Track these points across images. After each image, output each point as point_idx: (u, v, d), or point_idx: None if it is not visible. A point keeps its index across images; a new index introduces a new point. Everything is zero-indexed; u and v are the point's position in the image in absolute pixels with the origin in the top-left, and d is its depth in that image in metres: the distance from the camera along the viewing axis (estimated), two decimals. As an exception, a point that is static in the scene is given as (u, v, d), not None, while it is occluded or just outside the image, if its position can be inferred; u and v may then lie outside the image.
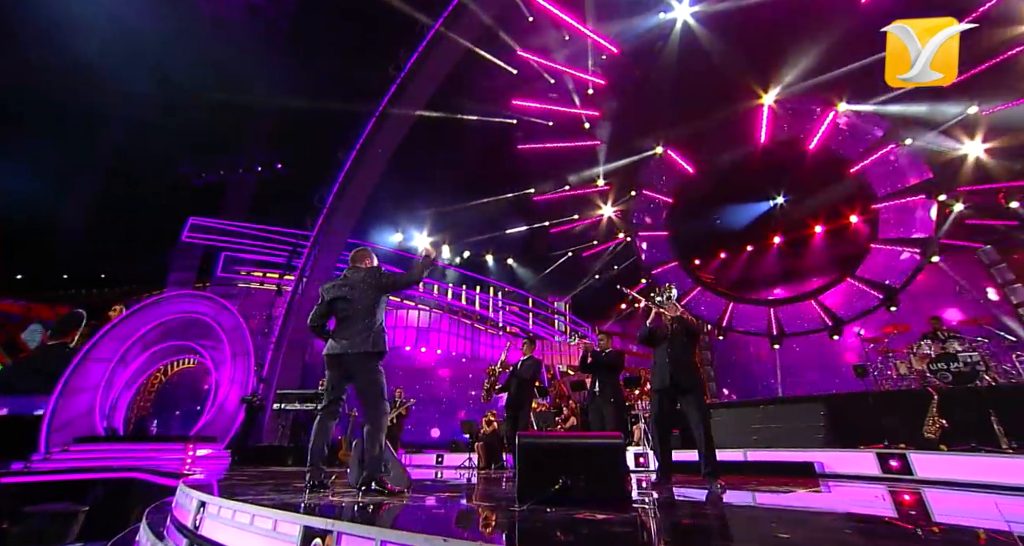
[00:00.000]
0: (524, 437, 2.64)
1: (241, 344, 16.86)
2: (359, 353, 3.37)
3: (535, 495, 2.41)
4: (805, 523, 2.51)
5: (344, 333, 3.44)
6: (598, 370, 5.64)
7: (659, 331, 4.56)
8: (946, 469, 5.96)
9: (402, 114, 15.47)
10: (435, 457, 11.56)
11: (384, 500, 2.89)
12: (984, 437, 6.10)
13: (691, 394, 4.26)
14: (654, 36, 13.78)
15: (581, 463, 2.52)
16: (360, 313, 3.45)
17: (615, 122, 15.49)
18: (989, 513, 3.28)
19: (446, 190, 17.41)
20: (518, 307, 20.79)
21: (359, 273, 3.65)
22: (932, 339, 8.39)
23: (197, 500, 3.07)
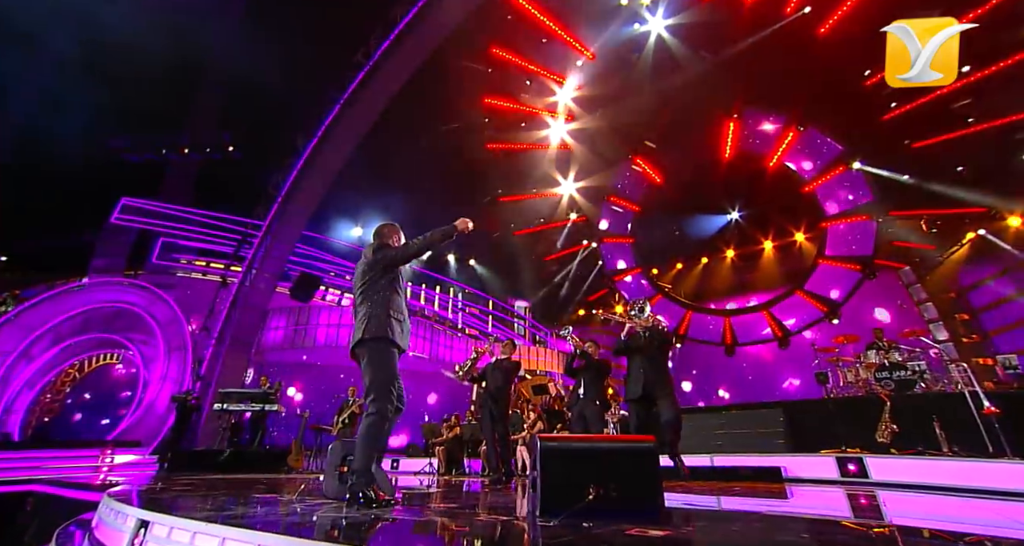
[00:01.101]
0: (547, 441, 2.40)
1: (178, 338, 15.46)
2: (361, 340, 2.99)
3: (561, 506, 2.19)
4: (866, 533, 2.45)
5: (355, 321, 3.08)
6: (586, 373, 5.54)
7: (633, 342, 4.73)
8: (897, 472, 6.32)
9: (368, 104, 14.80)
10: (390, 462, 11.02)
11: (382, 514, 2.56)
12: (929, 442, 6.54)
13: (663, 397, 4.47)
14: (630, 46, 14.07)
15: (611, 469, 2.31)
16: (363, 295, 3.08)
17: (585, 127, 15.64)
18: (936, 514, 3.45)
19: (410, 185, 16.87)
20: (478, 309, 20.48)
21: (364, 253, 3.30)
22: (876, 349, 9.00)
23: (136, 519, 2.49)
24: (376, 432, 2.91)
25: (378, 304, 3.04)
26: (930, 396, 7.54)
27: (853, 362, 9.09)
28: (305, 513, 2.64)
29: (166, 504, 3.07)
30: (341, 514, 2.54)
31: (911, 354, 8.59)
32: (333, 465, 3.61)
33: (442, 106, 15.50)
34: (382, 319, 3.00)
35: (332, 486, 3.55)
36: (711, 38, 12.90)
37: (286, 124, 15.33)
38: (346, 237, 17.09)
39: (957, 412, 6.58)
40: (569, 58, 15.08)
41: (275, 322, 14.43)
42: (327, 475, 3.63)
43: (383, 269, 3.13)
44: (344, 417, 9.13)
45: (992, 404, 6.28)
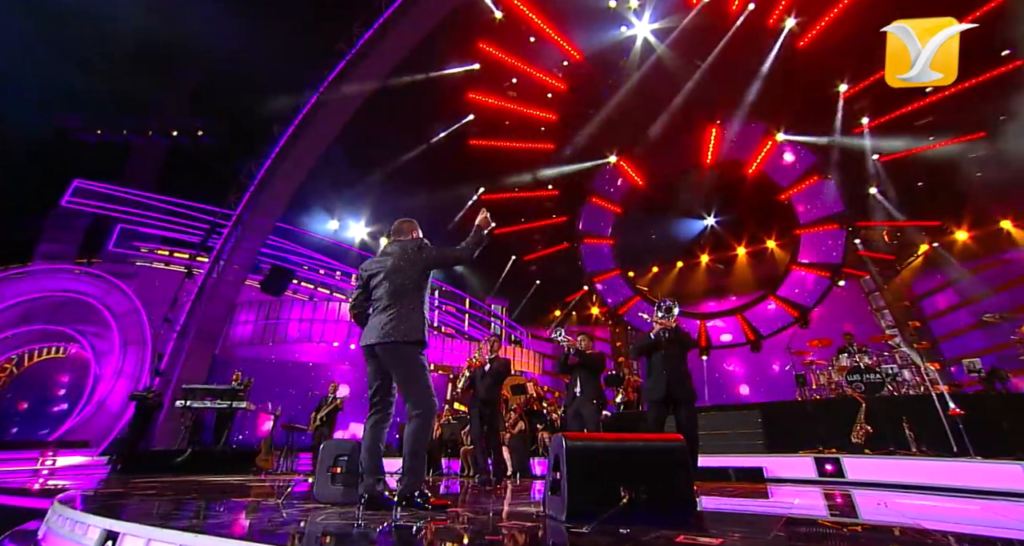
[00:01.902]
0: (573, 440, 2.29)
1: (136, 331, 14.60)
2: (393, 343, 2.82)
3: (588, 510, 2.08)
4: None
5: (377, 319, 2.91)
6: (581, 370, 5.44)
7: (656, 342, 4.67)
8: (871, 471, 6.55)
9: (349, 94, 14.36)
10: (364, 462, 10.68)
11: (431, 518, 2.38)
12: (901, 442, 6.80)
13: (685, 404, 4.41)
14: (616, 49, 14.17)
15: (640, 469, 2.21)
16: (395, 294, 2.92)
17: (571, 128, 15.65)
18: (908, 512, 3.53)
19: (390, 179, 16.46)
20: (455, 307, 20.21)
21: (396, 249, 3.11)
22: (847, 353, 9.35)
23: (100, 530, 2.16)
24: (427, 433, 2.86)
25: (414, 305, 2.94)
26: (901, 398, 7.87)
27: (826, 365, 9.41)
28: (323, 521, 2.39)
29: (135, 511, 2.79)
30: (387, 521, 2.30)
31: (880, 358, 8.96)
32: (325, 466, 3.41)
33: (425, 100, 15.18)
34: (418, 322, 2.92)
35: (325, 488, 3.35)
36: (696, 44, 13.14)
37: (261, 111, 14.71)
38: (321, 231, 16.51)
39: (925, 413, 6.86)
40: (556, 58, 15.06)
41: (244, 316, 13.80)
42: (318, 477, 3.42)
43: (423, 269, 3.04)
44: (322, 415, 8.76)
45: (957, 405, 6.59)
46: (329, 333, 13.33)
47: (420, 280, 3.03)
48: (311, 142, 14.49)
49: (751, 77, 12.89)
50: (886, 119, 13.17)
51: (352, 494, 3.28)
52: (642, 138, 14.84)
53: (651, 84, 13.71)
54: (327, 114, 14.21)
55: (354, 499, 3.25)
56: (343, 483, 3.21)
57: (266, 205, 14.32)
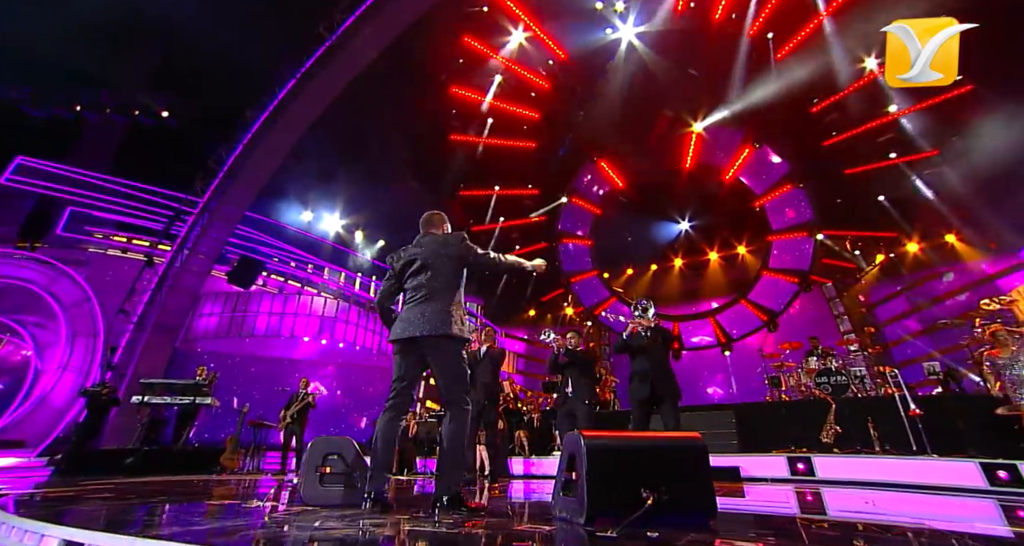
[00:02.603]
0: (592, 439, 2.18)
1: (87, 322, 13.67)
2: (438, 336, 2.70)
3: (609, 512, 2.02)
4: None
5: (418, 310, 2.78)
6: (572, 369, 5.33)
7: (635, 341, 4.67)
8: (840, 470, 6.82)
9: (328, 81, 13.87)
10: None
11: (467, 521, 2.26)
12: (866, 441, 7.12)
13: (669, 402, 4.41)
14: (601, 51, 14.27)
15: (661, 469, 2.14)
16: (438, 287, 2.81)
17: (553, 127, 15.66)
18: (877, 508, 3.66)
19: (367, 171, 16.02)
20: (430, 304, 19.89)
21: (436, 239, 2.99)
22: (815, 356, 9.75)
23: (59, 540, 1.85)
24: (466, 433, 2.78)
25: (455, 301, 2.84)
26: (866, 399, 8.24)
27: (795, 367, 9.78)
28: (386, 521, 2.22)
29: (97, 517, 2.50)
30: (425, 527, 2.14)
31: (845, 360, 9.38)
32: (313, 465, 3.20)
33: (407, 91, 14.86)
34: (461, 318, 2.84)
35: (313, 490, 3.15)
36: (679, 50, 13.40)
37: (233, 94, 14.00)
38: (294, 222, 15.86)
39: (888, 414, 7.20)
40: (541, 56, 15.04)
41: (208, 308, 13.11)
42: (306, 477, 3.21)
43: (461, 263, 2.92)
44: (292, 412, 8.39)
45: (917, 406, 6.94)
46: (300, 328, 12.84)
47: (459, 274, 2.91)
48: (286, 130, 13.92)
49: (731, 85, 13.26)
50: (852, 133, 13.82)
51: (350, 495, 3.12)
52: (624, 140, 15.01)
53: (635, 87, 13.89)
54: (304, 101, 13.69)
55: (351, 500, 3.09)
56: (344, 484, 3.04)
57: (236, 193, 13.67)
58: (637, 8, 13.78)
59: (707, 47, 12.92)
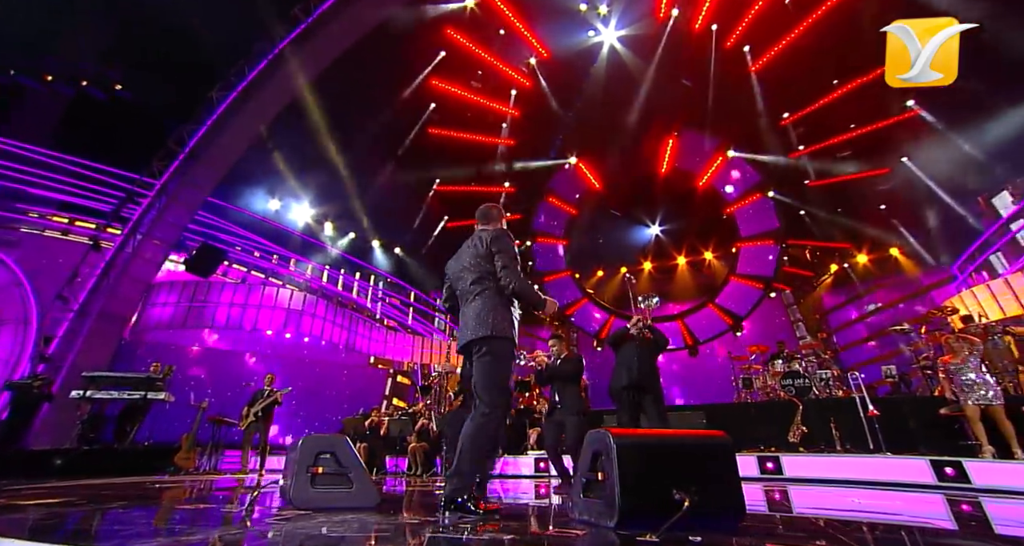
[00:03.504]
0: (622, 437, 2.10)
1: (16, 308, 12.53)
2: (482, 338, 2.66)
3: (641, 514, 1.95)
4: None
5: (465, 316, 2.77)
6: (556, 381, 5.05)
7: (625, 334, 4.68)
8: (805, 468, 7.10)
9: (303, 65, 13.27)
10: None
11: (478, 524, 2.11)
12: (829, 441, 7.46)
13: (651, 394, 4.45)
14: (583, 53, 14.36)
15: (692, 469, 2.08)
16: (475, 288, 2.76)
17: (533, 126, 15.62)
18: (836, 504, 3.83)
19: (340, 161, 15.45)
20: (400, 300, 19.47)
21: (474, 237, 2.95)
22: (781, 359, 10.16)
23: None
24: (492, 433, 2.63)
25: (500, 299, 2.76)
26: (828, 401, 8.65)
27: (762, 370, 10.17)
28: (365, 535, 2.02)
29: (22, 526, 2.19)
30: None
31: (808, 364, 9.83)
32: (303, 465, 2.99)
33: (386, 81, 14.43)
34: (507, 316, 2.74)
35: (304, 492, 2.94)
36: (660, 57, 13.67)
37: (198, 71, 13.13)
38: (261, 210, 15.04)
39: (849, 415, 7.58)
40: (524, 53, 14.98)
41: (163, 297, 12.23)
42: (295, 478, 2.99)
43: (492, 260, 2.81)
44: (257, 410, 7.93)
45: (875, 407, 7.35)
46: (264, 320, 12.19)
47: (491, 271, 2.80)
48: (255, 114, 13.20)
49: (707, 94, 13.66)
50: (816, 148, 14.55)
51: (344, 497, 2.93)
52: (602, 142, 15.16)
53: (615, 90, 14.06)
54: (276, 85, 13.03)
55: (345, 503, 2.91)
56: (337, 486, 2.85)
57: (198, 177, 12.84)
58: (620, 13, 13.96)
59: (686, 55, 13.25)
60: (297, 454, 3.02)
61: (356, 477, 3.05)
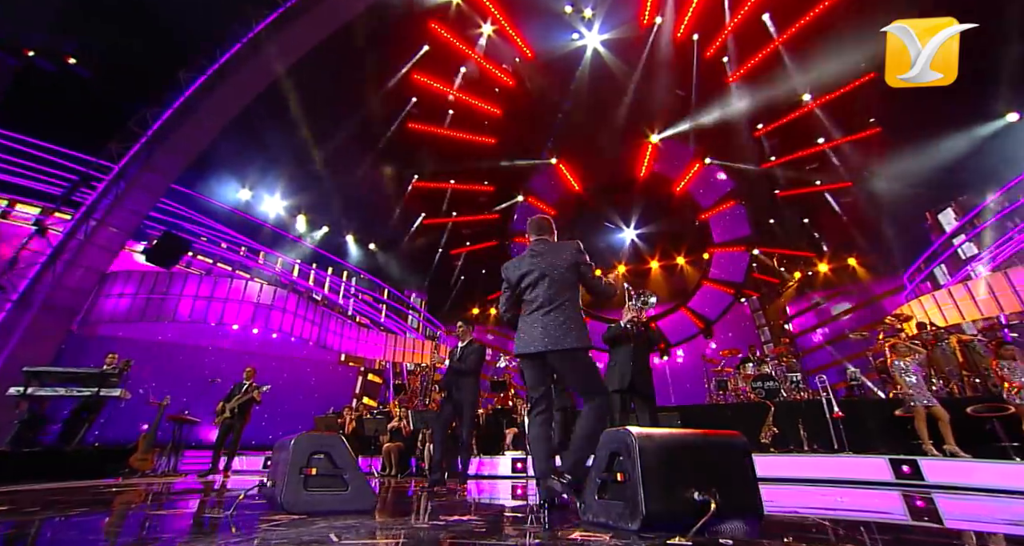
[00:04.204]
0: (645, 436, 2.04)
1: (-51, 298, 11.39)
2: (571, 350, 2.67)
3: (666, 516, 1.88)
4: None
5: (540, 323, 2.74)
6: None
7: (624, 333, 4.65)
8: (774, 468, 7.33)
9: (280, 50, 12.75)
10: (263, 461, 9.48)
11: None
12: (797, 441, 7.74)
13: (647, 398, 4.45)
14: (567, 55, 14.44)
15: (712, 470, 2.04)
16: (557, 297, 2.77)
17: (515, 125, 15.58)
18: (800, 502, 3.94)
19: (316, 152, 14.94)
20: (372, 297, 19.00)
21: (551, 247, 2.94)
22: (753, 362, 10.50)
23: None
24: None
25: (578, 311, 2.84)
26: (797, 402, 8.98)
27: (733, 373, 10.47)
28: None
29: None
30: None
31: (777, 367, 10.20)
32: (296, 466, 2.82)
33: (367, 72, 14.05)
34: (584, 324, 2.82)
35: (296, 495, 2.77)
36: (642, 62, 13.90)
37: (164, 51, 12.38)
38: (230, 200, 14.27)
39: (815, 416, 7.89)
40: (508, 53, 14.92)
41: (119, 288, 11.44)
42: (286, 479, 2.82)
43: (577, 274, 2.88)
44: (233, 406, 7.48)
45: (839, 409, 7.69)
46: (230, 314, 11.58)
47: (576, 283, 2.88)
48: (227, 99, 12.54)
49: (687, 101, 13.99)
50: (787, 159, 15.16)
51: (340, 500, 2.78)
52: (583, 144, 15.28)
53: (598, 93, 14.19)
54: (250, 70, 12.44)
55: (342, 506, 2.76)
56: (332, 488, 2.70)
57: (161, 162, 12.09)
58: (604, 17, 14.12)
59: (668, 63, 13.53)
60: (289, 454, 2.83)
61: (351, 478, 2.91)
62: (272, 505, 2.87)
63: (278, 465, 2.96)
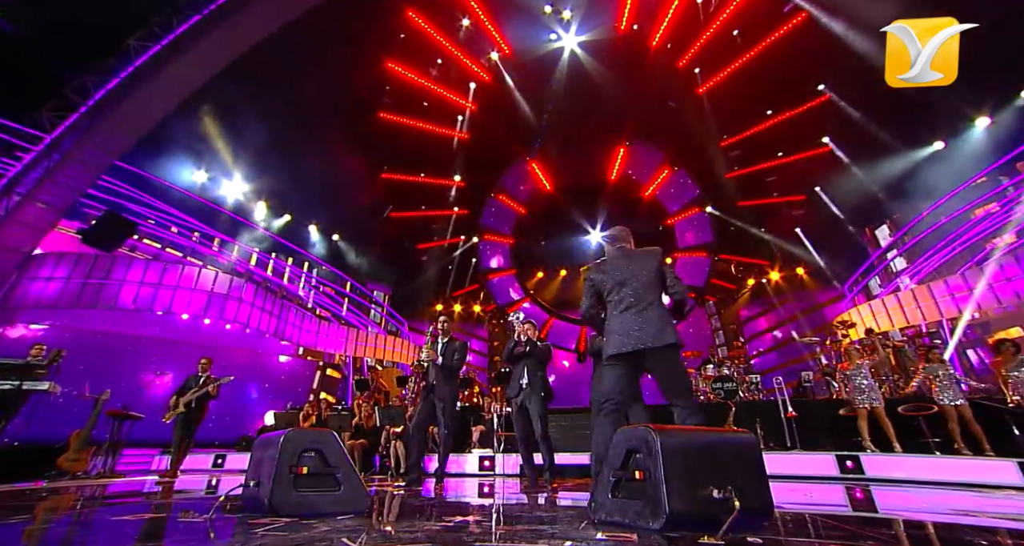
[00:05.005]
0: (667, 434, 2.04)
1: None
2: (672, 346, 2.78)
3: (688, 515, 1.89)
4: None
5: (635, 322, 2.82)
6: (529, 360, 5.06)
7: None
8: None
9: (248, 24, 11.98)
10: (213, 458, 8.90)
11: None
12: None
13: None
14: (546, 56, 14.46)
15: (728, 468, 2.06)
16: (649, 298, 2.90)
17: (490, 121, 15.44)
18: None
19: (280, 135, 14.16)
20: (334, 289, 18.30)
21: (638, 253, 3.16)
22: (713, 364, 10.92)
23: None
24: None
25: (667, 310, 2.95)
26: (756, 403, 9.41)
27: (694, 374, 10.85)
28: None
29: None
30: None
31: (736, 369, 10.66)
32: (285, 464, 2.59)
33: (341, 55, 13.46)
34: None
35: (286, 496, 2.56)
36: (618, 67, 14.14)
37: (113, 12, 11.32)
38: (186, 182, 13.20)
39: (771, 415, 8.31)
40: (486, 48, 14.76)
41: (47, 271, 10.35)
42: (274, 479, 2.59)
43: (663, 279, 3.02)
44: (188, 400, 6.89)
45: (792, 409, 8.16)
46: (180, 303, 10.72)
47: (661, 287, 3.02)
48: (185, 72, 11.62)
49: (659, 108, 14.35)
50: (748, 171, 15.87)
51: (333, 501, 2.62)
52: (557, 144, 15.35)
53: (573, 95, 14.31)
54: (213, 42, 11.60)
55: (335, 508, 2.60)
56: (325, 487, 2.53)
57: (104, 136, 11.05)
58: (582, 20, 14.23)
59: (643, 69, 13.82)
60: (277, 451, 2.64)
61: (345, 477, 2.74)
62: (254, 507, 2.65)
63: (262, 463, 2.73)
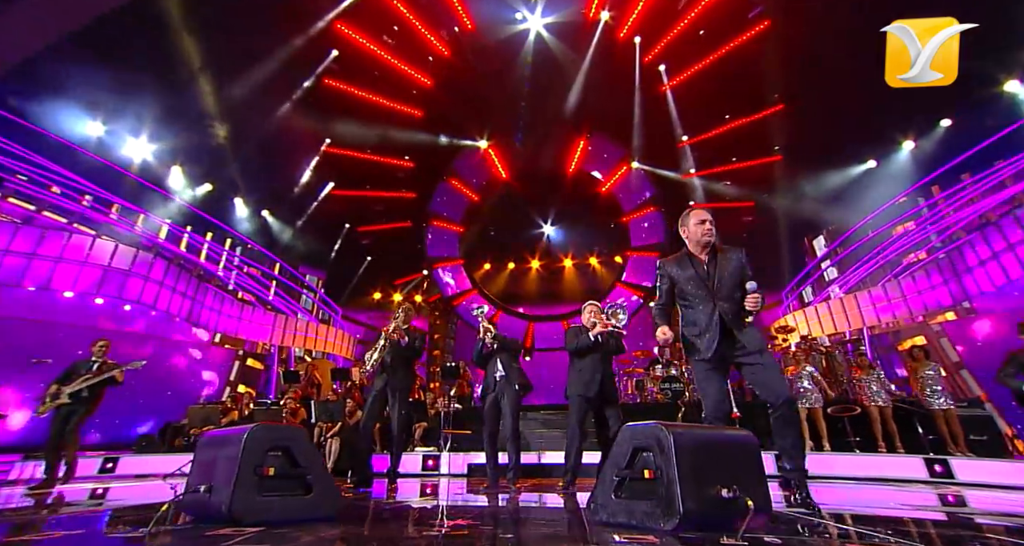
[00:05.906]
0: (680, 432, 2.02)
1: None
2: (757, 352, 2.81)
3: (700, 515, 1.84)
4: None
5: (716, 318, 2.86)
6: (503, 354, 4.91)
7: (596, 345, 4.56)
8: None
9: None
10: (100, 462, 7.54)
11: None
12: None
13: (612, 404, 4.49)
14: (510, 36, 13.75)
15: (735, 467, 2.06)
16: (735, 297, 2.91)
17: (446, 99, 14.49)
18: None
19: (206, 92, 12.43)
20: (260, 271, 16.57)
21: (721, 253, 3.05)
22: (661, 364, 10.82)
23: None
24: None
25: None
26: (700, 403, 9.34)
27: (643, 374, 10.71)
28: None
29: None
30: None
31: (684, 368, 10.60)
32: (250, 464, 2.10)
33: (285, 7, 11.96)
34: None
35: (250, 501, 2.06)
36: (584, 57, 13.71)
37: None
38: (76, 134, 11.06)
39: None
40: (446, 20, 13.78)
41: None
42: (237, 483, 2.05)
43: (740, 279, 3.00)
44: (79, 389, 5.40)
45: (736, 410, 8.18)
46: (62, 278, 8.90)
47: (741, 285, 2.97)
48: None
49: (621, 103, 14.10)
50: (704, 173, 16.10)
51: (304, 506, 2.04)
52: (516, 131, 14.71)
53: (537, 82, 13.73)
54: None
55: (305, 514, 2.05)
56: (292, 491, 1.96)
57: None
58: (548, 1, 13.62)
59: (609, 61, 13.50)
60: (239, 450, 2.12)
61: (315, 480, 2.23)
62: (206, 516, 2.13)
63: (215, 465, 2.18)
